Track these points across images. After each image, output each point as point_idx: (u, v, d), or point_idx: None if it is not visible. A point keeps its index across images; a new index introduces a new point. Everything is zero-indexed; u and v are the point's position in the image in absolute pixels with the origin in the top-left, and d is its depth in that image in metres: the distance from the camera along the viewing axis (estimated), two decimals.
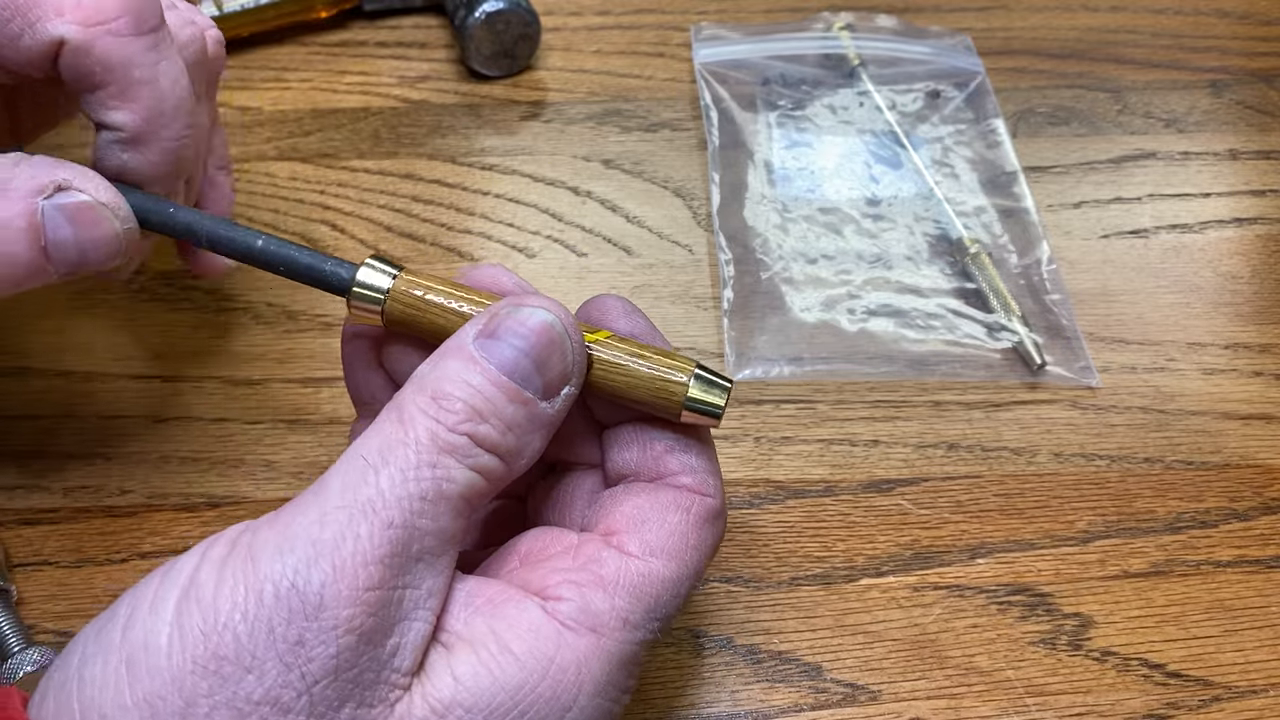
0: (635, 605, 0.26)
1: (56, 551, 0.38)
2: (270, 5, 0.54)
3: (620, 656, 0.26)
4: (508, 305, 0.27)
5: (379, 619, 0.24)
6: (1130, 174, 0.51)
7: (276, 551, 0.24)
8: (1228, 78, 0.55)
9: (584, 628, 0.25)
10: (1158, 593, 0.38)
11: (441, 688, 0.24)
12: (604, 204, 0.49)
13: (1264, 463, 0.41)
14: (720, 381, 0.28)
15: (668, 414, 0.29)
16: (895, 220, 0.48)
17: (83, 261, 0.30)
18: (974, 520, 0.39)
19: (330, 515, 0.24)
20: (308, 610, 0.23)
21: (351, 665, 0.23)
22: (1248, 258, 0.48)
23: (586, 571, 0.26)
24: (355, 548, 0.24)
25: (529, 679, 0.24)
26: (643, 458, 0.29)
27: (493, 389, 0.26)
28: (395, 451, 0.25)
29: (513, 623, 0.25)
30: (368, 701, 0.23)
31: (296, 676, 0.23)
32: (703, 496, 0.28)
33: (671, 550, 0.27)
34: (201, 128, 0.35)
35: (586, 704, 0.25)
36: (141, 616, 0.24)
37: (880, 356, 0.43)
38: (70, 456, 0.40)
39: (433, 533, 0.25)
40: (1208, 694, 0.35)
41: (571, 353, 0.27)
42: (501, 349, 0.26)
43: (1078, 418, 0.42)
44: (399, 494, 0.24)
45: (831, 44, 0.54)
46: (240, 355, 0.43)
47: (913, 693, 0.35)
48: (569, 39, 0.56)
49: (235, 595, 0.23)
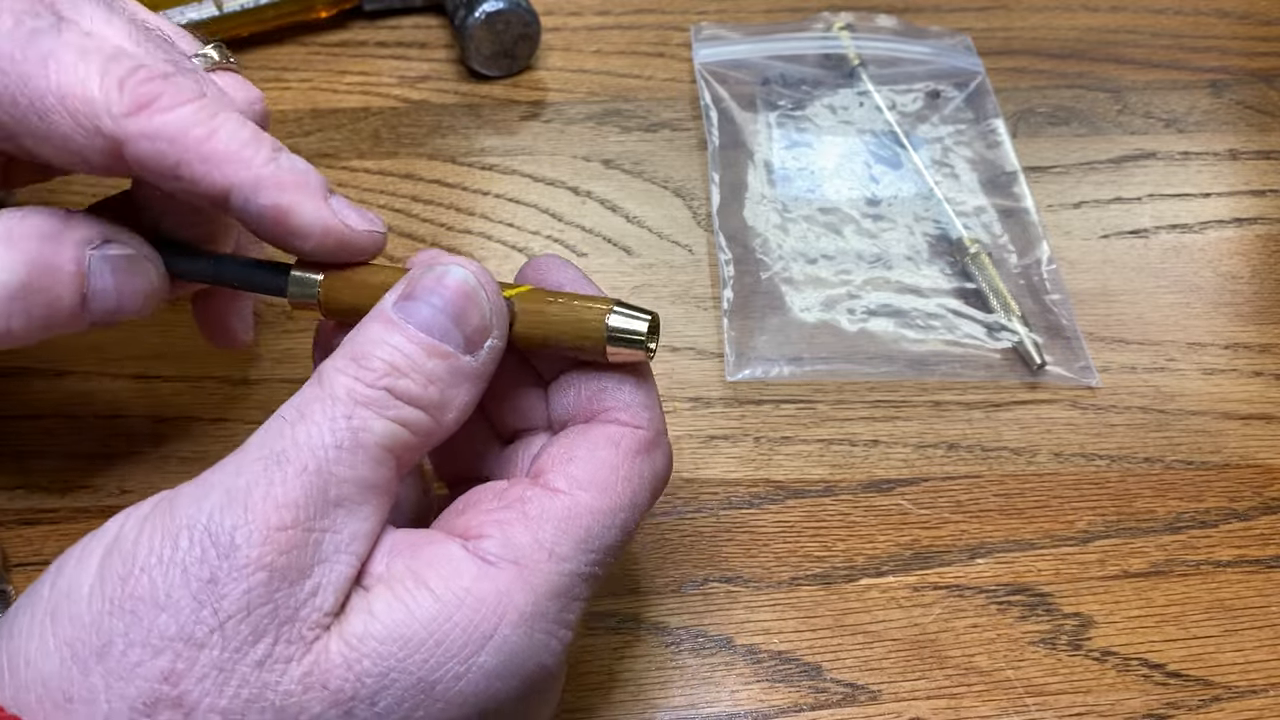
0: (561, 538, 0.26)
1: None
2: (270, 5, 0.54)
3: (548, 588, 0.26)
4: (422, 268, 0.28)
5: (292, 558, 0.24)
6: (1130, 174, 0.51)
7: (192, 500, 0.24)
8: (1228, 78, 0.55)
9: (505, 561, 0.26)
10: (1158, 593, 0.38)
11: (356, 623, 0.24)
12: (604, 204, 0.49)
13: (1264, 463, 0.41)
14: (640, 314, 0.29)
15: (596, 354, 0.29)
16: (895, 220, 0.48)
17: (119, 310, 0.31)
18: (974, 520, 0.39)
19: (246, 466, 0.25)
20: (220, 549, 0.24)
21: (265, 601, 0.24)
22: (1248, 258, 0.48)
23: (510, 510, 0.27)
24: (268, 491, 0.24)
25: (444, 610, 0.25)
26: (578, 400, 0.29)
27: (411, 346, 0.26)
28: (311, 407, 0.26)
29: (431, 560, 0.26)
30: (284, 638, 0.24)
31: (209, 613, 0.23)
32: (635, 429, 0.28)
33: (600, 482, 0.27)
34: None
35: (510, 634, 0.25)
36: (68, 570, 0.25)
37: (880, 356, 0.43)
38: (70, 456, 0.40)
39: (351, 480, 0.25)
40: (1208, 694, 0.35)
41: (488, 304, 0.28)
42: (419, 308, 0.27)
43: (1078, 418, 0.42)
44: (313, 443, 0.25)
45: (831, 44, 0.54)
46: (240, 355, 0.43)
47: (913, 693, 0.35)
48: (569, 39, 0.56)
49: (152, 542, 0.24)
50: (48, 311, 0.30)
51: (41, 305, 0.30)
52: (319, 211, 0.29)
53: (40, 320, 0.30)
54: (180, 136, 0.28)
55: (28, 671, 0.23)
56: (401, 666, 0.24)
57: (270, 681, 0.23)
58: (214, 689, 0.23)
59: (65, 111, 0.28)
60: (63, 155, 0.29)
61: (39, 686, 0.23)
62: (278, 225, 0.29)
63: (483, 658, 0.25)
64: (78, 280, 0.30)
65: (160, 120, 0.28)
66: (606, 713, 0.35)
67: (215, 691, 0.23)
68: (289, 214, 0.29)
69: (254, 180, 0.29)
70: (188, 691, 0.23)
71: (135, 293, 0.31)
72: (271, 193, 0.29)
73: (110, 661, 0.23)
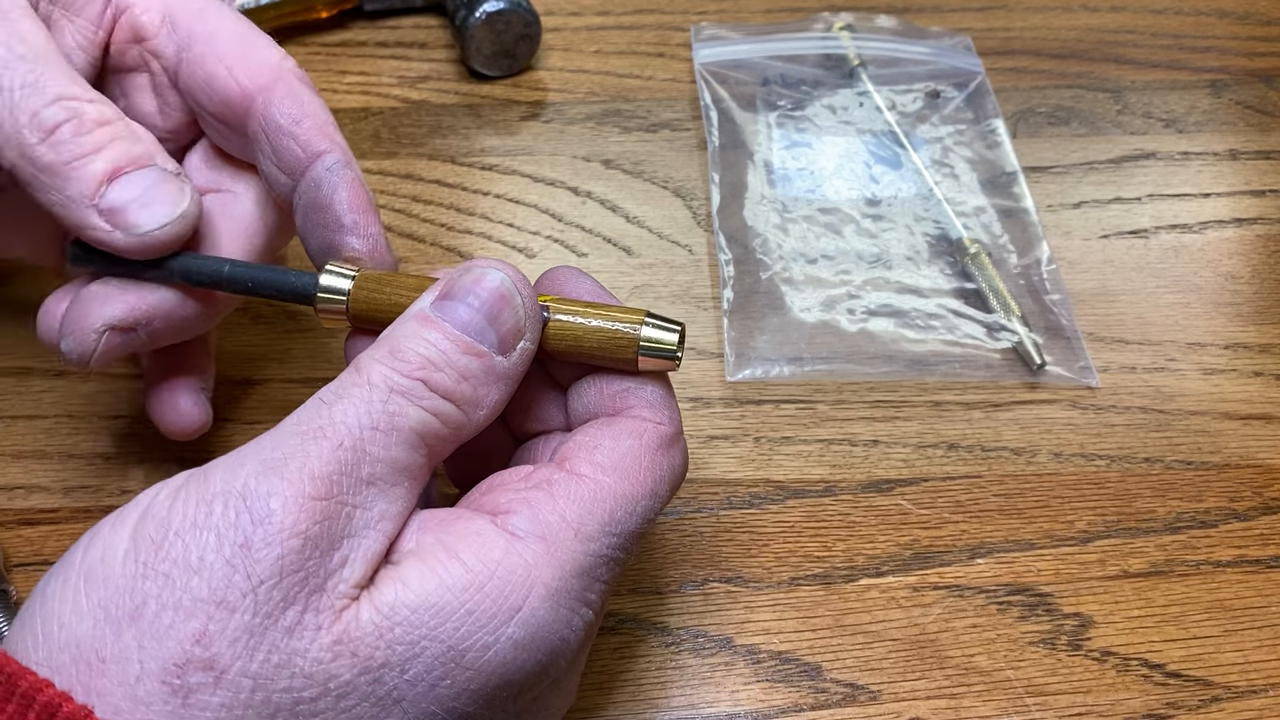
0: (586, 517, 0.27)
1: (56, 551, 0.38)
2: (270, 5, 0.54)
3: (574, 566, 0.26)
4: (459, 269, 0.29)
5: (325, 528, 0.24)
6: (1130, 174, 0.51)
7: (227, 469, 0.25)
8: (1228, 78, 0.55)
9: (533, 536, 0.26)
10: (1157, 593, 0.38)
11: (388, 592, 0.25)
12: (604, 204, 0.49)
13: (1264, 463, 0.41)
14: (671, 325, 0.29)
15: (626, 363, 0.29)
16: (895, 220, 0.48)
17: (126, 208, 0.31)
18: (974, 520, 0.39)
19: (283, 440, 0.25)
20: (255, 516, 0.24)
21: (297, 569, 0.24)
22: (1248, 258, 0.48)
23: (538, 490, 0.27)
24: (304, 463, 0.25)
25: (475, 580, 0.25)
26: (599, 400, 0.30)
27: (447, 343, 0.27)
28: (350, 390, 0.26)
29: (461, 534, 0.26)
30: (314, 606, 0.24)
31: (242, 577, 0.24)
32: (656, 424, 0.29)
33: (624, 469, 0.28)
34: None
35: (538, 607, 0.25)
36: (101, 537, 0.25)
37: (880, 356, 0.43)
38: (70, 456, 0.40)
39: (384, 460, 0.26)
40: (1207, 694, 0.35)
41: (523, 307, 0.28)
42: (455, 308, 0.28)
43: (1077, 418, 0.42)
44: (350, 422, 0.26)
45: (831, 44, 0.54)
46: (240, 355, 0.43)
47: (912, 693, 0.35)
48: (569, 39, 0.56)
49: (187, 508, 0.24)
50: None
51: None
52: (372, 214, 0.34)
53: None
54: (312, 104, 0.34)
55: (61, 633, 0.24)
56: (433, 635, 0.25)
57: (299, 649, 0.24)
58: (245, 653, 0.23)
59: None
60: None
61: (72, 648, 0.23)
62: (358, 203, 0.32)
63: (511, 629, 0.25)
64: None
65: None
66: (606, 713, 0.35)
67: (246, 655, 0.23)
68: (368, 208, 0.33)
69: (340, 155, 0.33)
70: (219, 654, 0.23)
71: (158, 203, 0.31)
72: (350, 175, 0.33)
73: (143, 623, 0.23)
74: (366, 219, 0.33)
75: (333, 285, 0.31)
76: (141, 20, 0.35)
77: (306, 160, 0.33)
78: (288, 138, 0.33)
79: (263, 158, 0.34)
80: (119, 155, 0.31)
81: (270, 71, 0.34)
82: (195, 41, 0.34)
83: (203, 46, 0.34)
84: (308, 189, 0.33)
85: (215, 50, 0.34)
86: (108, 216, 0.31)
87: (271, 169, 0.34)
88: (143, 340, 0.33)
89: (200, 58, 0.34)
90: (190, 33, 0.34)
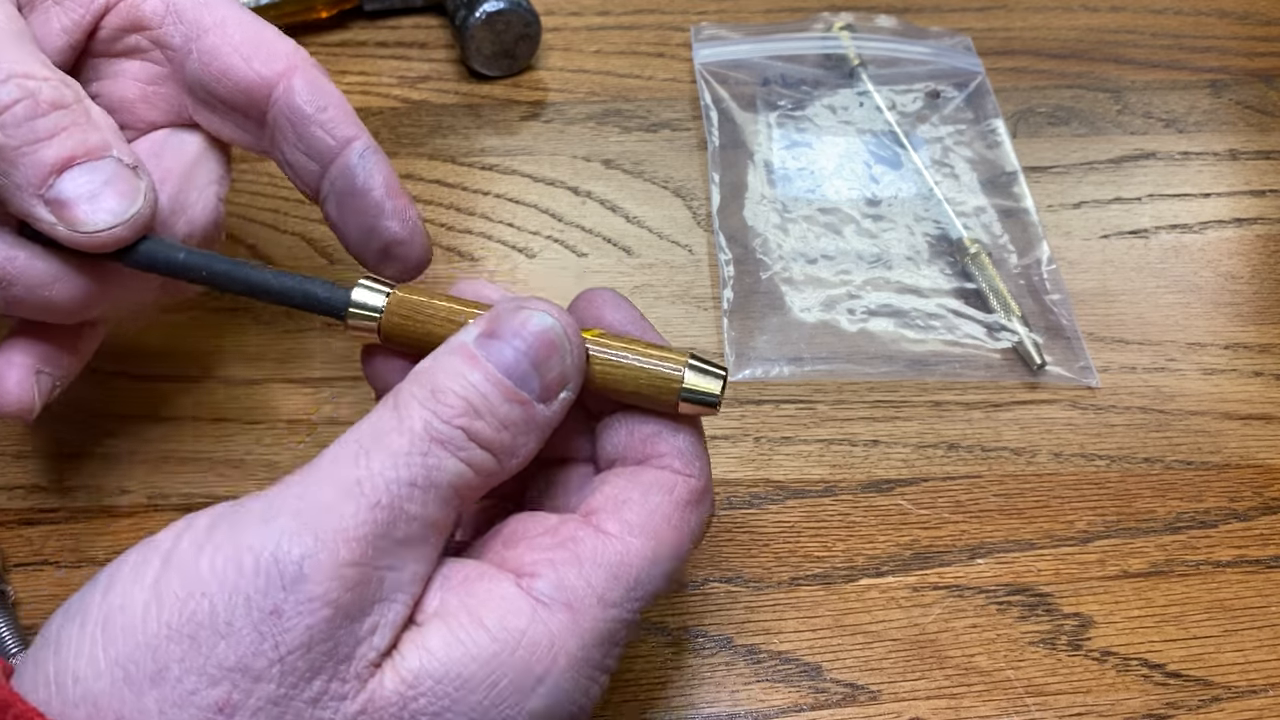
0: (613, 584, 0.26)
1: (56, 551, 0.38)
2: (270, 5, 0.54)
3: (597, 634, 0.26)
4: (510, 307, 0.27)
5: (357, 595, 0.24)
6: (1130, 174, 0.51)
7: (259, 522, 0.24)
8: (1228, 78, 0.55)
9: (558, 604, 0.25)
10: (1157, 593, 0.38)
11: (411, 660, 0.24)
12: (604, 204, 0.49)
13: (1264, 463, 0.41)
14: (715, 370, 0.29)
15: (665, 407, 0.29)
16: (895, 220, 0.48)
17: (75, 203, 0.29)
18: (974, 520, 0.39)
19: (317, 491, 0.24)
20: (286, 581, 0.23)
21: (326, 639, 0.23)
22: (1248, 258, 0.48)
23: (563, 550, 0.26)
24: (339, 524, 0.24)
25: (501, 651, 0.25)
26: (630, 441, 0.29)
27: (490, 387, 0.26)
28: (388, 437, 0.25)
29: (485, 598, 0.25)
30: (340, 676, 0.23)
31: (270, 646, 0.23)
32: (686, 477, 0.28)
33: (652, 529, 0.27)
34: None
35: (561, 679, 0.25)
36: (121, 583, 0.24)
37: (880, 356, 0.43)
38: (70, 456, 0.40)
39: (419, 518, 0.25)
40: (1207, 694, 0.35)
41: (571, 356, 0.27)
42: (502, 349, 0.27)
43: (1077, 418, 0.42)
44: (388, 477, 0.24)
45: (831, 44, 0.54)
46: (240, 355, 0.43)
47: (912, 693, 0.35)
48: (569, 39, 0.56)
49: (215, 563, 0.23)
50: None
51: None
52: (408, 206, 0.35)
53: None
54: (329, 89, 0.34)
55: (76, 689, 0.23)
56: (456, 707, 0.24)
57: (324, 718, 0.23)
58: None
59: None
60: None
61: (89, 705, 0.23)
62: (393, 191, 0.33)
63: (533, 702, 0.25)
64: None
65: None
66: (607, 713, 0.35)
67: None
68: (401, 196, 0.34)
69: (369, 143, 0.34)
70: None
71: (105, 202, 0.30)
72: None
73: (165, 687, 0.23)
74: (404, 203, 0.33)
75: (366, 302, 0.30)
76: (143, 9, 0.34)
77: (337, 147, 0.33)
78: (315, 125, 0.33)
79: (286, 146, 0.33)
80: (73, 144, 0.29)
81: (286, 59, 0.33)
82: (205, 32, 0.34)
83: (214, 37, 0.34)
84: (340, 176, 0.33)
85: (228, 40, 0.33)
86: (54, 209, 0.29)
87: (298, 156, 0.33)
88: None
89: (213, 48, 0.33)
90: (198, 23, 0.34)
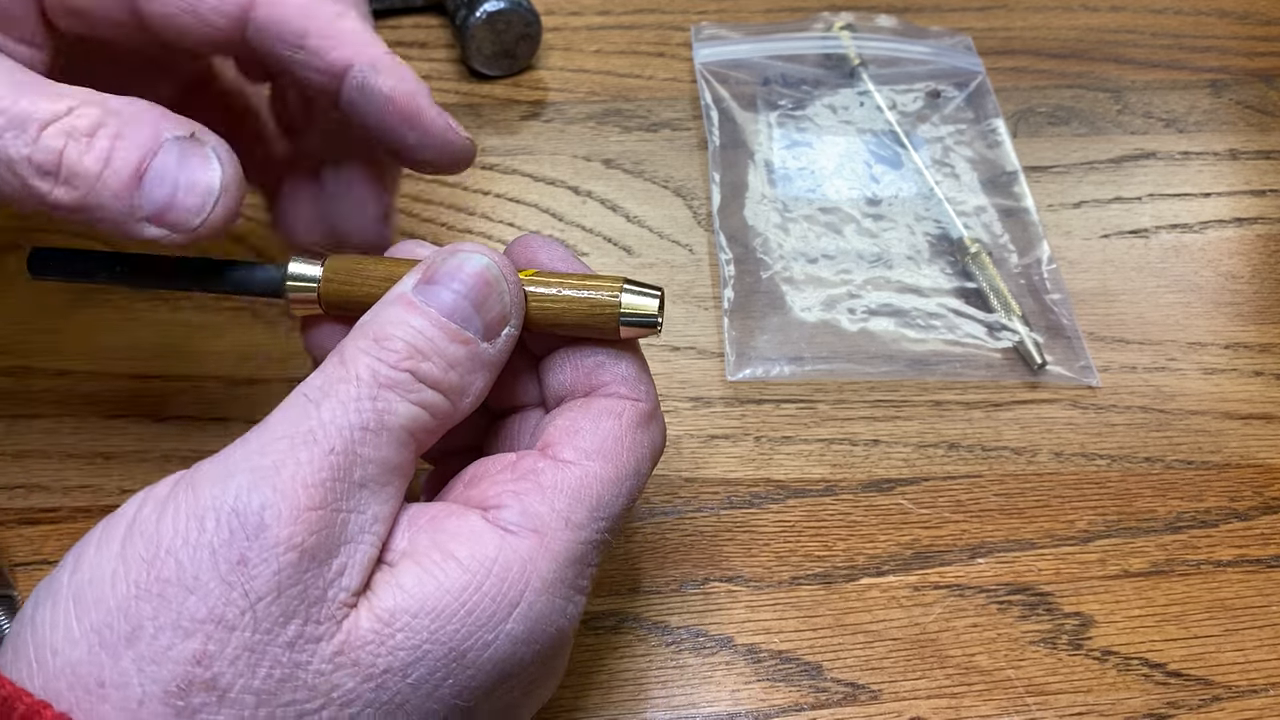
0: (576, 506, 0.27)
1: (56, 551, 0.38)
2: None
3: (567, 555, 0.26)
4: (445, 253, 0.28)
5: (321, 538, 0.24)
6: (1130, 174, 0.51)
7: (217, 480, 0.24)
8: (1228, 78, 0.55)
9: (526, 530, 0.26)
10: (1158, 592, 0.38)
11: (385, 598, 0.25)
12: (604, 204, 0.49)
13: (1264, 462, 0.41)
14: (650, 291, 0.29)
15: (607, 333, 0.29)
16: (895, 220, 0.48)
17: (170, 204, 0.29)
18: (974, 520, 0.39)
19: (271, 445, 0.25)
20: (249, 531, 0.23)
21: (295, 582, 0.24)
22: (1248, 258, 0.48)
23: (525, 481, 0.27)
24: (296, 471, 0.24)
25: (473, 580, 0.25)
26: (575, 376, 0.30)
27: (434, 329, 0.27)
28: (336, 387, 0.26)
29: (454, 533, 0.26)
30: (314, 618, 0.24)
31: (239, 595, 0.23)
32: (634, 401, 0.29)
33: (607, 452, 0.28)
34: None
35: (535, 600, 0.26)
36: (88, 558, 0.24)
37: (880, 356, 0.43)
38: (70, 456, 0.40)
39: (375, 461, 0.25)
40: (1208, 694, 0.35)
41: (509, 293, 0.28)
42: (440, 293, 0.27)
43: (1078, 417, 0.42)
44: (340, 424, 0.25)
45: (831, 44, 0.54)
46: (240, 355, 0.43)
47: (913, 692, 0.35)
48: (569, 39, 0.56)
49: (177, 523, 0.24)
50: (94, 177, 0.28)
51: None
52: (440, 112, 0.32)
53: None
54: (314, 6, 0.30)
55: (55, 661, 0.23)
56: (434, 638, 0.24)
57: (301, 661, 0.24)
58: (246, 670, 0.23)
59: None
60: (187, 18, 0.31)
61: (69, 674, 0.23)
62: (407, 110, 0.31)
63: (510, 624, 0.25)
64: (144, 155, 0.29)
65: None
66: (606, 712, 0.35)
67: (248, 673, 0.23)
68: (418, 99, 0.31)
69: (376, 60, 0.31)
70: (220, 673, 0.23)
71: (194, 187, 0.29)
72: (395, 77, 0.31)
73: (140, 646, 0.23)
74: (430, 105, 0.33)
75: (303, 273, 0.30)
76: None
77: (340, 64, 0.32)
78: (313, 38, 0.32)
79: (302, 61, 0.32)
80: (132, 155, 0.28)
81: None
82: None
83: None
84: (360, 78, 0.32)
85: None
86: (158, 223, 0.29)
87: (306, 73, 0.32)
88: None
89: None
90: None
